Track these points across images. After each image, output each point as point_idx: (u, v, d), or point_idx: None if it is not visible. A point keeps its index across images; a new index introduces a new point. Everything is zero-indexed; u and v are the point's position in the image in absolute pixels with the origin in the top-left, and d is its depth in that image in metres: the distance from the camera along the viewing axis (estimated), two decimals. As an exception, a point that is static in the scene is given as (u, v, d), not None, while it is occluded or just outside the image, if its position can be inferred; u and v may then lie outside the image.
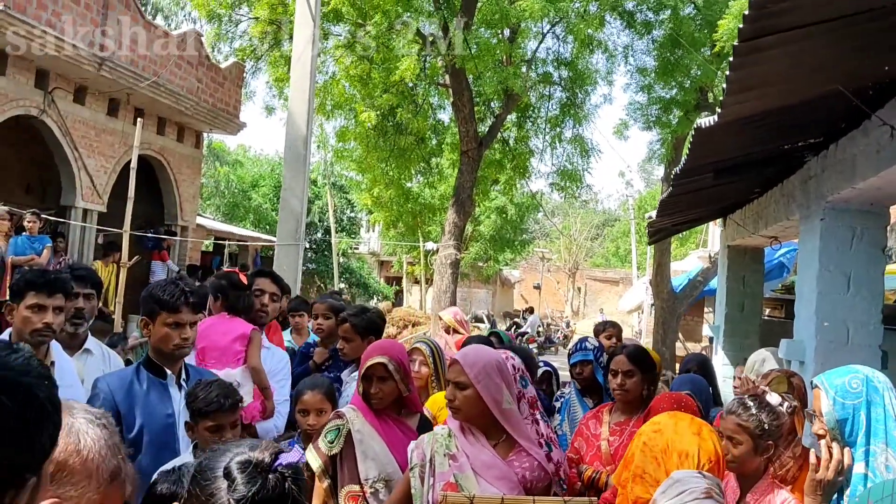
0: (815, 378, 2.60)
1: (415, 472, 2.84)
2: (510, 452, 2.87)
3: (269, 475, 1.36)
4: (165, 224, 15.60)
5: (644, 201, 39.08)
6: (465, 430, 2.89)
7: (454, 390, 2.86)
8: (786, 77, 3.12)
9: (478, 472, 2.78)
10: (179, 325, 3.12)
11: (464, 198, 13.99)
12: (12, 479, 0.96)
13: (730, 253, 7.73)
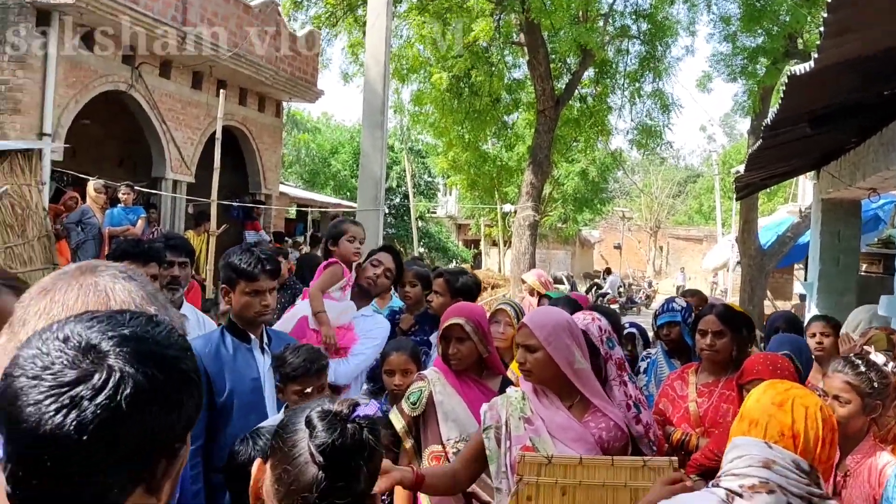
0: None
1: (489, 434, 2.81)
2: (585, 413, 2.84)
3: (347, 424, 1.42)
4: (250, 193, 16.02)
5: (728, 156, 37.76)
6: (538, 392, 2.87)
7: (524, 353, 2.83)
8: (888, 16, 2.91)
9: (554, 434, 2.76)
10: (259, 293, 3.17)
11: (541, 158, 13.83)
12: (164, 449, 0.98)
13: (824, 206, 7.39)
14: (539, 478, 2.57)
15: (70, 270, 1.27)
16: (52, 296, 1.20)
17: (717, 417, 3.71)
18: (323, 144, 30.25)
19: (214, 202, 10.78)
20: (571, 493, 2.61)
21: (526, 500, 2.58)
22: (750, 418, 1.76)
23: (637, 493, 2.64)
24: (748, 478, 1.66)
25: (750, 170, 6.55)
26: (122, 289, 1.23)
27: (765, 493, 1.64)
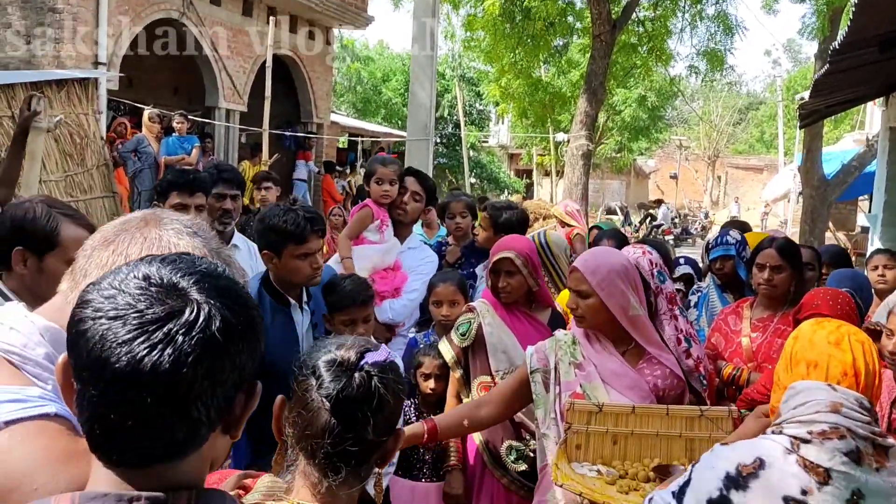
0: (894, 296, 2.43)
1: (536, 378, 2.75)
2: (640, 360, 2.77)
3: (354, 373, 1.39)
4: (302, 122, 16.07)
5: (793, 81, 36.23)
6: (590, 337, 2.78)
7: (576, 299, 2.74)
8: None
9: (606, 381, 2.69)
10: (309, 255, 2.96)
11: (595, 85, 13.44)
12: (244, 385, 1.00)
13: (891, 135, 7.06)
14: (589, 426, 2.52)
15: (134, 221, 1.26)
16: (115, 247, 1.20)
17: (771, 353, 3.64)
18: (374, 72, 29.99)
19: (267, 132, 10.86)
20: (623, 442, 2.56)
21: (575, 448, 2.53)
22: (807, 360, 1.70)
23: (693, 443, 2.58)
24: (817, 424, 1.61)
25: (815, 96, 6.26)
26: (186, 244, 1.23)
27: (836, 439, 1.60)
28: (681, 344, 3.29)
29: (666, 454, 2.57)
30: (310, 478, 1.41)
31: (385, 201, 4.09)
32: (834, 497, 1.56)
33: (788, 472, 1.59)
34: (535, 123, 23.52)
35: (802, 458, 1.59)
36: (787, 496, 1.57)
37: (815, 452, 1.58)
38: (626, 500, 2.33)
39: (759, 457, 1.61)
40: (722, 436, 2.57)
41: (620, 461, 2.55)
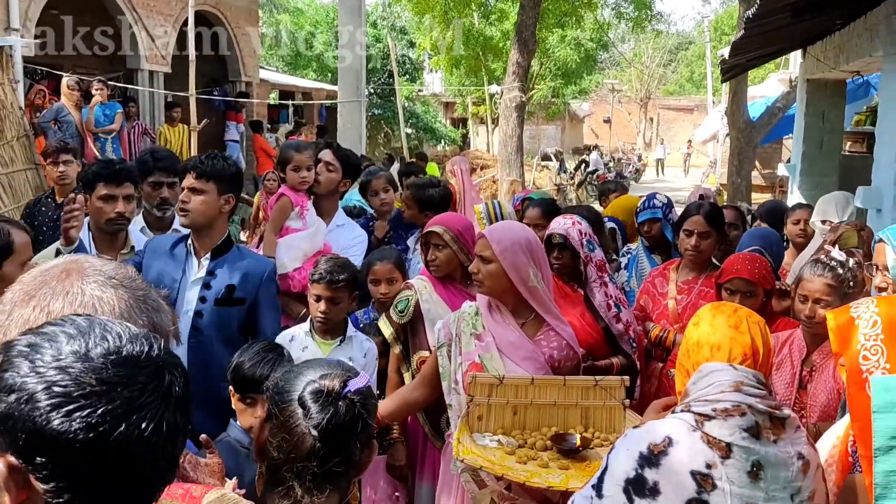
0: (879, 232, 2.64)
1: (442, 352, 2.86)
2: (538, 332, 2.86)
3: (339, 402, 1.48)
4: (230, 81, 15.63)
5: (721, 21, 36.68)
6: (492, 308, 2.87)
7: (479, 263, 2.84)
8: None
9: (504, 351, 2.78)
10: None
11: (526, 36, 13.42)
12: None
13: (809, 87, 7.29)
14: (491, 398, 2.63)
15: (55, 272, 1.25)
16: (37, 303, 1.20)
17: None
18: (302, 25, 29.16)
19: (193, 95, 10.55)
20: (522, 412, 2.68)
21: (477, 419, 2.64)
22: (710, 343, 1.82)
23: (588, 411, 2.73)
24: (721, 402, 1.74)
25: (734, 55, 6.43)
26: (110, 298, 1.23)
27: (737, 416, 1.73)
28: (611, 309, 3.44)
29: (563, 423, 2.72)
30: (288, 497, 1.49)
31: (303, 188, 4.06)
32: (736, 469, 1.70)
33: (694, 448, 1.71)
34: (468, 73, 23.36)
35: (706, 435, 1.72)
36: (694, 470, 1.70)
37: (717, 429, 1.72)
38: (524, 469, 2.46)
39: (667, 435, 1.74)
40: (615, 404, 2.74)
41: (520, 431, 2.68)
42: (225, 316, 3.17)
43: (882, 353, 1.92)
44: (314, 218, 4.08)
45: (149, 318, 1.26)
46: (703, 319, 1.89)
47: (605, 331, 3.46)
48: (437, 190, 4.44)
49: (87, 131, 9.86)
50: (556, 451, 2.56)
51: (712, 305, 1.96)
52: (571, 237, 3.47)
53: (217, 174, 3.17)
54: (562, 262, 3.53)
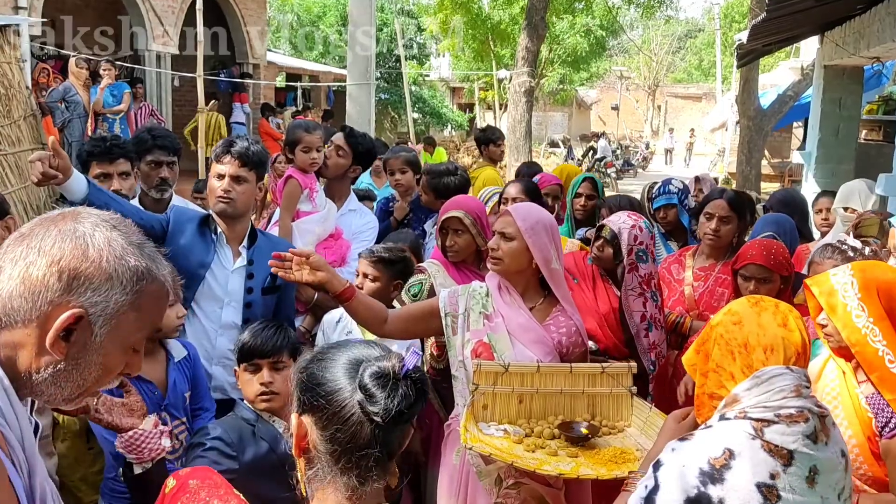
0: (894, 217, 2.51)
1: (447, 321, 2.77)
2: (547, 317, 2.81)
3: (400, 382, 1.39)
4: (237, 63, 15.55)
5: (731, 8, 36.33)
6: (502, 289, 2.81)
7: (499, 240, 2.77)
8: None
9: (513, 333, 2.73)
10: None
11: (536, 20, 13.31)
12: None
13: (826, 74, 7.18)
14: (496, 386, 2.57)
15: (52, 216, 1.25)
16: (30, 241, 1.20)
17: (713, 301, 3.75)
18: (310, 7, 28.99)
19: (200, 77, 10.46)
20: (528, 401, 2.63)
21: (482, 408, 2.59)
22: (763, 346, 1.71)
23: (594, 398, 2.69)
24: (785, 409, 1.65)
25: (753, 39, 6.33)
26: (102, 237, 1.22)
27: (802, 423, 1.64)
28: (643, 321, 3.32)
29: (569, 411, 2.67)
30: (341, 488, 1.40)
31: (312, 169, 3.98)
32: (797, 477, 1.61)
33: (757, 458, 1.61)
34: (475, 58, 23.21)
35: (767, 443, 1.62)
36: (760, 482, 1.60)
37: (780, 436, 1.62)
38: (534, 457, 2.41)
39: (726, 447, 1.63)
40: (622, 391, 2.70)
41: (526, 419, 2.63)
42: (270, 303, 3.15)
43: (863, 310, 2.16)
44: (324, 199, 4.01)
45: (145, 265, 1.26)
46: (747, 318, 1.76)
47: (629, 342, 3.34)
48: (455, 178, 4.38)
49: (93, 111, 9.79)
50: (564, 440, 2.53)
51: (750, 301, 1.83)
52: (622, 239, 3.31)
53: (259, 162, 3.09)
54: (603, 255, 3.40)
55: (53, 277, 1.17)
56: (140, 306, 1.25)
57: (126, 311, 1.23)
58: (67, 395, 1.26)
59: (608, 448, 2.52)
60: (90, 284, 1.19)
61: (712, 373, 1.78)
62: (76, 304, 1.18)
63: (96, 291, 1.20)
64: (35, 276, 1.17)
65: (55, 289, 1.18)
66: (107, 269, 1.21)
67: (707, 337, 1.84)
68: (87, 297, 1.19)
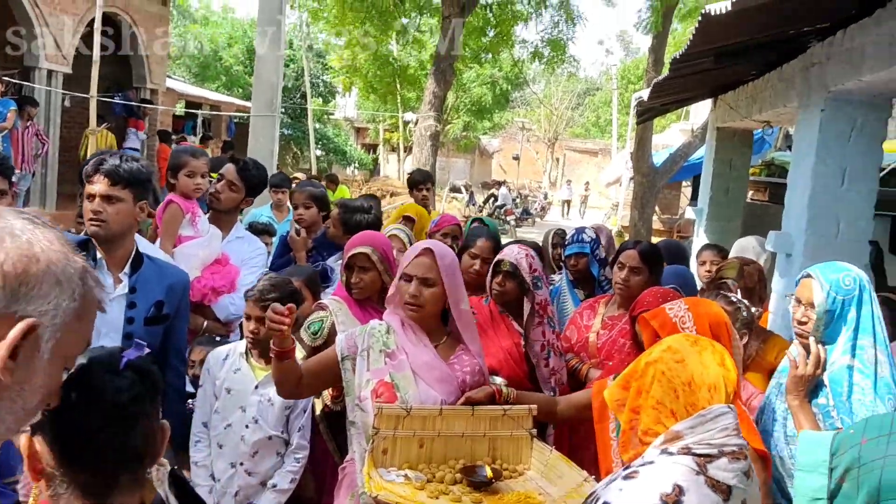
0: (809, 269, 2.70)
1: (346, 366, 2.65)
2: (451, 355, 2.75)
3: (115, 377, 1.31)
4: (134, 87, 14.98)
5: (627, 70, 38.27)
6: (406, 327, 2.71)
7: (420, 287, 2.65)
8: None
9: (417, 371, 2.64)
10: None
11: (444, 66, 13.49)
12: None
13: (718, 135, 7.55)
14: (397, 430, 2.48)
15: None
16: None
17: (613, 350, 3.78)
18: (214, 37, 28.51)
19: (94, 97, 10.03)
20: (429, 444, 2.55)
21: (381, 453, 2.49)
22: (707, 384, 1.75)
23: (496, 441, 2.63)
24: (728, 446, 1.69)
25: (654, 97, 6.59)
26: (40, 234, 1.03)
27: (742, 460, 1.69)
28: (543, 350, 3.35)
29: (470, 454, 2.61)
30: (80, 500, 1.29)
31: (196, 195, 3.86)
32: None
33: (703, 493, 1.64)
34: (381, 99, 23.34)
35: (710, 479, 1.65)
36: None
37: (722, 472, 1.66)
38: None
39: (675, 483, 1.65)
40: (523, 434, 2.66)
41: (427, 464, 2.54)
42: (155, 334, 2.87)
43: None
44: (206, 224, 3.89)
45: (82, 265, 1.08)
46: (690, 357, 1.80)
47: (532, 371, 3.38)
48: (368, 216, 4.30)
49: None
50: (466, 485, 2.46)
51: (688, 339, 1.88)
52: (521, 268, 3.38)
53: (134, 179, 2.80)
54: (505, 290, 3.44)
55: None
56: (82, 315, 1.08)
57: (71, 320, 1.05)
58: (6, 430, 1.05)
59: (511, 493, 2.46)
60: (39, 290, 1.00)
61: (651, 409, 1.78)
62: (23, 314, 0.99)
63: (45, 298, 1.01)
64: None
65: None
66: (54, 271, 1.02)
67: (642, 373, 1.84)
68: (36, 306, 1.00)
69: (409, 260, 2.72)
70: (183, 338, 3.12)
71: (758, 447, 2.42)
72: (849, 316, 2.59)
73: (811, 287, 2.64)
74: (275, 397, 3.10)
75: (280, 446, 3.22)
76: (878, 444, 1.43)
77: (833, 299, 2.59)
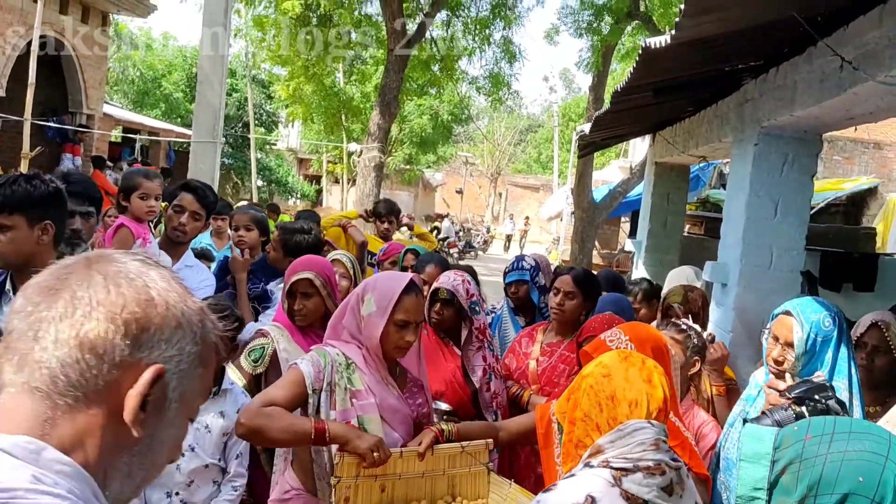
0: (787, 304, 2.62)
1: (314, 398, 2.52)
2: (404, 388, 2.70)
3: None
4: (70, 112, 14.61)
5: (568, 108, 39.12)
6: (369, 363, 2.60)
7: (416, 331, 2.62)
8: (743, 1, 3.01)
9: (383, 415, 2.56)
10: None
11: (389, 98, 13.57)
12: None
13: (656, 170, 7.76)
14: (359, 477, 2.42)
15: (76, 262, 0.98)
16: (71, 294, 0.93)
17: (553, 377, 3.79)
18: (154, 64, 28.11)
19: (28, 120, 9.72)
20: (390, 488, 2.50)
21: (343, 501, 2.40)
22: (628, 399, 1.77)
23: (454, 479, 2.61)
24: (644, 461, 1.70)
25: (594, 130, 6.74)
26: (157, 276, 0.99)
27: (658, 476, 1.70)
28: (485, 375, 3.36)
29: (430, 494, 2.58)
30: None
31: (149, 218, 3.79)
32: None
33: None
34: (325, 130, 23.30)
35: (625, 492, 1.67)
36: None
37: (636, 486, 1.67)
38: None
39: (589, 494, 1.66)
40: (480, 469, 2.63)
41: None
42: None
43: None
44: (157, 249, 3.80)
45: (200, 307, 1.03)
46: (616, 372, 1.83)
47: (474, 394, 3.39)
48: (308, 237, 4.24)
49: None
50: None
51: (620, 355, 1.91)
52: (459, 294, 3.43)
53: (23, 203, 2.59)
54: (443, 317, 3.45)
55: (119, 332, 0.92)
56: (205, 360, 1.03)
57: (195, 366, 1.01)
58: (134, 490, 0.98)
59: None
60: (161, 335, 0.96)
61: (580, 421, 1.82)
62: (148, 361, 0.95)
63: (168, 343, 0.97)
64: (94, 335, 0.91)
65: (122, 346, 0.92)
66: (175, 314, 0.98)
67: (577, 386, 1.89)
68: (160, 352, 0.96)
69: (395, 298, 2.57)
70: None
71: (699, 471, 2.44)
72: (825, 357, 2.52)
73: (790, 326, 2.56)
74: (212, 424, 3.00)
75: (217, 474, 3.10)
76: (821, 442, 1.48)
77: (813, 340, 2.51)
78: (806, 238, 4.67)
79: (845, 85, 3.38)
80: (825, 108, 3.75)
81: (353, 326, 2.63)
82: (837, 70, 3.43)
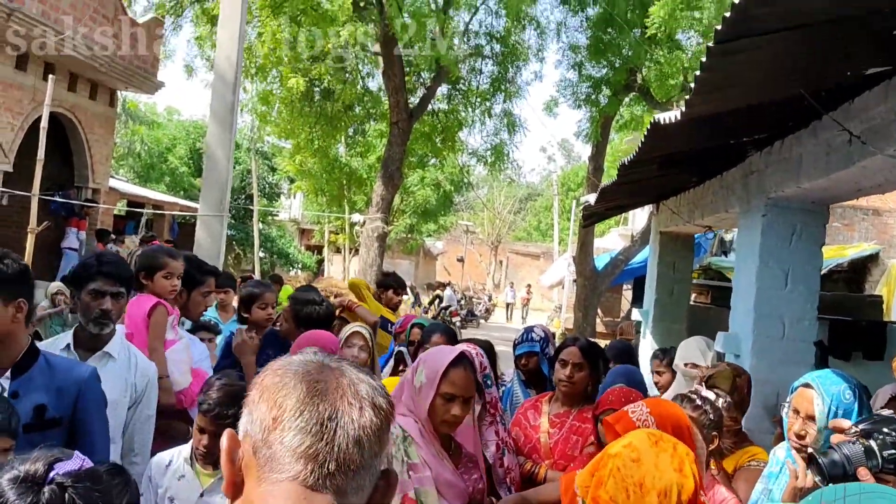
0: (806, 377, 2.58)
1: None
2: (458, 464, 2.70)
3: (44, 487, 1.25)
4: (76, 186, 14.78)
5: (567, 178, 39.59)
6: (425, 437, 2.61)
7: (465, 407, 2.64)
8: (750, 79, 3.09)
9: (440, 490, 2.56)
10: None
11: (392, 170, 13.77)
12: None
13: (662, 239, 7.80)
14: None
15: (325, 377, 1.09)
16: (344, 396, 1.06)
17: (567, 449, 3.73)
18: (159, 138, 28.59)
19: (36, 196, 9.82)
20: None
21: None
22: (658, 489, 1.72)
23: None
24: None
25: (600, 201, 6.81)
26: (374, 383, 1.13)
27: None
28: (498, 450, 3.30)
29: None
30: None
31: (171, 296, 3.76)
32: None
33: None
34: (329, 201, 23.55)
35: None
36: None
37: None
38: None
39: None
40: None
41: None
42: (48, 441, 2.61)
43: None
44: (180, 332, 3.83)
45: None
46: (646, 457, 1.77)
47: (488, 470, 3.32)
48: (319, 308, 4.23)
49: None
50: None
51: (651, 438, 1.84)
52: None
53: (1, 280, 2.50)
54: None
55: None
56: None
57: None
58: None
59: None
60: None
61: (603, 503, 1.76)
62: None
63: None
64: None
65: None
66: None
67: (603, 464, 1.82)
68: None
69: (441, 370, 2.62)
70: (100, 448, 2.73)
71: None
72: None
73: (811, 399, 2.52)
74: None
75: None
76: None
77: (834, 413, 2.47)
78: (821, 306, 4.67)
79: (854, 158, 3.43)
80: (833, 181, 3.80)
81: (409, 399, 2.65)
82: (845, 144, 3.49)
